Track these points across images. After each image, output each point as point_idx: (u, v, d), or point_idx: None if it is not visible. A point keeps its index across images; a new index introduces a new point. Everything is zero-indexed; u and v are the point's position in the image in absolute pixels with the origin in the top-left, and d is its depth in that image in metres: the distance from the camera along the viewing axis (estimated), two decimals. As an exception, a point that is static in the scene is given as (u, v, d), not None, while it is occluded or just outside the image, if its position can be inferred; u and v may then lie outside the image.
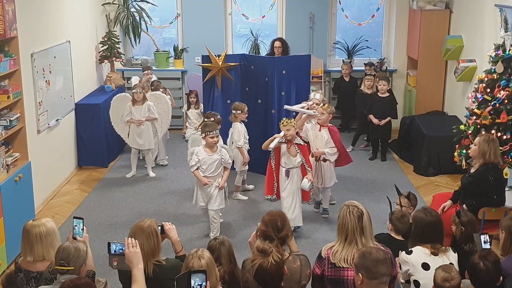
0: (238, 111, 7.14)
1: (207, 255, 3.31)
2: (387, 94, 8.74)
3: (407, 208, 5.01)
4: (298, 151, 6.10)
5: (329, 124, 6.61)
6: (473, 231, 4.33)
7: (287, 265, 3.47)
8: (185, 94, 9.46)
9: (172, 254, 3.84)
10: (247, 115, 7.22)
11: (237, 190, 7.33)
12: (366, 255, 3.11)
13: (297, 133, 6.32)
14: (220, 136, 6.33)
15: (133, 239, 3.32)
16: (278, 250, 3.39)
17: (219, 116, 6.90)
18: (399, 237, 4.44)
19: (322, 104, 6.71)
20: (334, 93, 10.22)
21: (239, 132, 7.08)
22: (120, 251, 3.30)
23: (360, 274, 3.09)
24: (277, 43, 9.28)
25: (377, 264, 3.05)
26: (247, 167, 7.31)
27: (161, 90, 8.50)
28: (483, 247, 3.87)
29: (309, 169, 6.13)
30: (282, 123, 6.12)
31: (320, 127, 6.57)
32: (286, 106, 7.12)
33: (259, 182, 7.62)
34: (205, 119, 6.77)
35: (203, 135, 6.05)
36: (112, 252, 3.32)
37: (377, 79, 8.91)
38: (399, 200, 5.09)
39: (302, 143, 6.19)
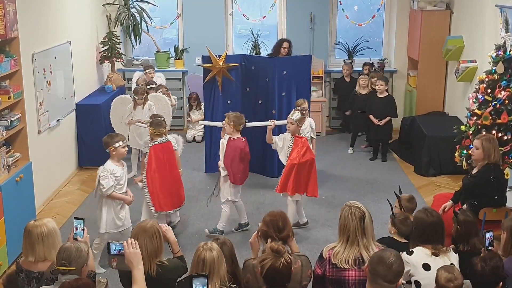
0: (297, 106, 7.03)
1: (217, 247, 3.42)
2: (386, 94, 8.74)
3: (398, 210, 4.94)
4: None
5: (236, 137, 6.16)
6: (468, 231, 4.28)
7: (288, 266, 3.49)
8: (186, 98, 9.47)
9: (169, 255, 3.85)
10: (304, 112, 6.86)
11: None
12: (379, 252, 3.19)
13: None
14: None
15: (132, 239, 3.33)
16: (288, 251, 3.40)
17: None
18: (403, 240, 4.43)
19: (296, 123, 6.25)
20: (334, 93, 10.24)
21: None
22: (120, 251, 3.30)
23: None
24: (285, 44, 9.21)
25: (378, 262, 3.06)
26: None
27: (160, 90, 8.48)
28: (487, 246, 3.87)
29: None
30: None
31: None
32: (201, 122, 7.01)
33: (258, 183, 7.65)
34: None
35: (112, 147, 5.40)
36: (112, 252, 3.32)
37: (375, 79, 8.91)
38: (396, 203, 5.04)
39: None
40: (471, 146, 5.99)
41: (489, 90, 6.53)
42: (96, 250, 5.46)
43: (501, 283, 3.50)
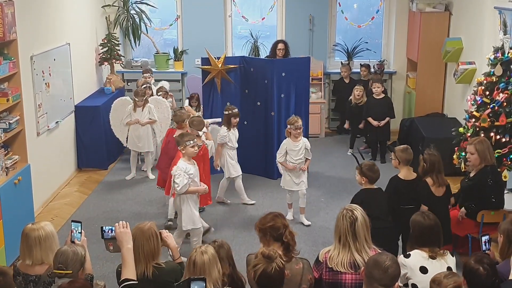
0: (289, 125, 6.51)
1: (211, 251, 3.41)
2: (383, 96, 8.73)
3: (396, 163, 5.26)
4: None
5: None
6: (433, 166, 4.98)
7: (289, 266, 3.49)
8: (187, 98, 9.49)
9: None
10: (298, 131, 6.45)
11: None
12: (375, 255, 3.21)
13: None
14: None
15: (124, 221, 3.39)
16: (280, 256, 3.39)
17: (236, 110, 6.92)
18: (375, 186, 4.71)
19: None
20: (333, 94, 10.24)
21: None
22: (113, 234, 3.39)
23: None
24: (280, 45, 9.16)
25: (374, 266, 3.07)
26: None
27: (160, 93, 8.49)
28: (484, 249, 3.88)
29: None
30: None
31: None
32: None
33: (258, 185, 7.65)
34: (224, 112, 6.92)
35: (182, 146, 5.50)
36: (105, 236, 3.42)
37: (371, 81, 8.90)
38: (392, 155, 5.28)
39: None
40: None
41: (487, 92, 6.53)
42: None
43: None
